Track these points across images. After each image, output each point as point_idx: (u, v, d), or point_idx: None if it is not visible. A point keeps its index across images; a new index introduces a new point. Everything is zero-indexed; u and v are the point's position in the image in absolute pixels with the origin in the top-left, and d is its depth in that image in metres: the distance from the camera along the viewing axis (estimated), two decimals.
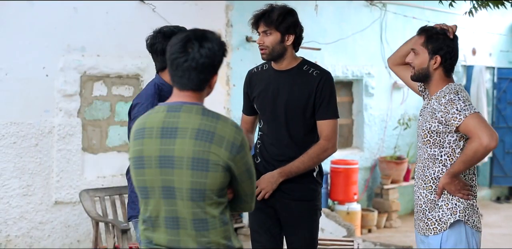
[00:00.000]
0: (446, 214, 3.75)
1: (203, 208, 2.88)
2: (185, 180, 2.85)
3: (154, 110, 3.00)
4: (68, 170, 7.26)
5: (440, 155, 3.78)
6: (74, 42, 7.27)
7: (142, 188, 2.96)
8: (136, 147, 2.96)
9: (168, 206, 2.90)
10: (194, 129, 2.86)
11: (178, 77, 2.93)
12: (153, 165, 2.91)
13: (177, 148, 2.86)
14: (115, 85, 7.64)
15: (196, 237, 2.89)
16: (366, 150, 10.53)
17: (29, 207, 7.04)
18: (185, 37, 2.93)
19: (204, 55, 2.88)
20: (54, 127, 7.15)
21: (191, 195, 2.86)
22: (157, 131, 2.91)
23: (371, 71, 10.47)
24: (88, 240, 7.40)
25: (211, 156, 2.85)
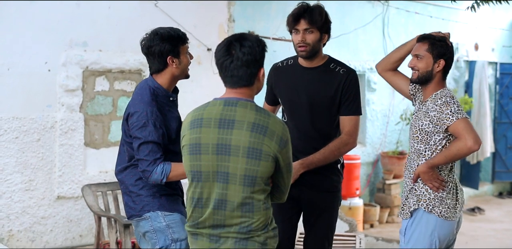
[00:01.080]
0: (413, 201, 4.16)
1: (252, 193, 3.28)
2: (240, 167, 3.26)
3: (210, 104, 3.38)
4: (70, 165, 7.27)
5: (424, 150, 4.16)
6: (76, 37, 7.27)
7: (196, 172, 3.34)
8: (193, 135, 3.34)
9: (221, 190, 3.30)
10: (250, 122, 3.27)
11: (228, 77, 3.34)
12: (210, 151, 3.30)
13: (234, 138, 3.26)
14: (117, 80, 7.64)
15: (240, 218, 3.29)
16: (368, 145, 10.53)
17: (32, 202, 7.05)
18: (226, 42, 3.35)
19: (247, 52, 3.29)
20: (56, 122, 7.16)
21: (244, 181, 3.26)
22: (215, 122, 3.30)
23: (373, 66, 10.43)
24: (90, 235, 7.41)
25: (264, 147, 3.26)
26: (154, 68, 3.99)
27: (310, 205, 4.55)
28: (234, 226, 3.31)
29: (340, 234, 7.38)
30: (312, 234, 4.59)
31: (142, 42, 4.03)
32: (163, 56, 3.93)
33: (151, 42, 3.95)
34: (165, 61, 3.95)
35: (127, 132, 4.01)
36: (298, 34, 4.35)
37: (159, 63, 3.95)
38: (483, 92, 12.07)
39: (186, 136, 3.39)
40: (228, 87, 3.39)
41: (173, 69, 3.99)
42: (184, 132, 3.41)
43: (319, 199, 4.51)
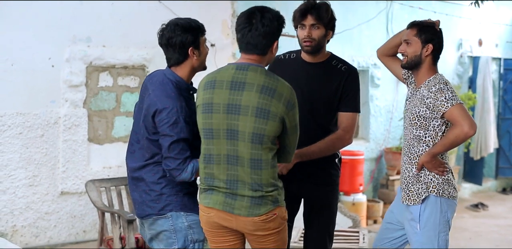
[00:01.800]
0: (422, 188, 4.28)
1: (260, 150, 3.55)
2: (248, 125, 3.53)
3: (224, 68, 3.66)
4: (74, 161, 7.28)
5: (424, 136, 4.28)
6: (79, 33, 7.27)
7: (207, 130, 3.62)
8: (206, 95, 3.61)
9: (230, 146, 3.57)
10: (259, 84, 3.54)
11: (244, 43, 3.63)
12: (221, 110, 3.56)
13: (244, 99, 3.53)
14: (120, 76, 7.64)
15: (250, 174, 3.56)
16: (372, 141, 10.52)
17: (35, 198, 7.06)
18: (249, 10, 3.64)
19: (265, 24, 3.57)
20: (60, 117, 7.16)
21: (252, 138, 3.53)
22: (227, 84, 3.57)
23: (377, 62, 10.42)
24: (94, 231, 7.42)
25: (272, 107, 3.52)
26: (173, 60, 3.91)
27: (310, 200, 4.59)
28: (247, 183, 3.58)
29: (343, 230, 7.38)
30: (313, 230, 4.61)
31: (160, 33, 3.93)
32: (184, 47, 3.87)
33: (171, 33, 3.85)
34: (186, 53, 3.88)
35: (150, 129, 3.88)
36: (304, 29, 4.39)
37: (180, 55, 3.88)
38: (486, 88, 12.04)
39: (199, 96, 3.66)
40: (242, 52, 3.67)
41: (194, 60, 3.93)
42: (199, 93, 3.68)
43: (318, 193, 4.55)
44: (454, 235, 8.92)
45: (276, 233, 3.69)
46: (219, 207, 3.64)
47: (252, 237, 3.71)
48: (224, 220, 3.66)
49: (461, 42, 12.02)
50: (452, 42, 11.87)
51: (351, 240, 6.65)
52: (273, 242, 3.72)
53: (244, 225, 3.64)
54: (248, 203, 3.60)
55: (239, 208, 3.61)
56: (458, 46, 12.04)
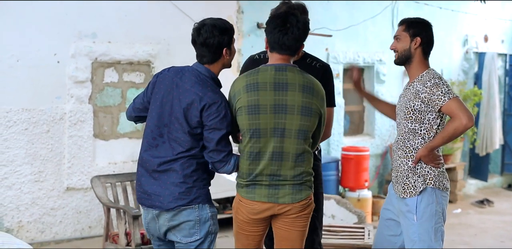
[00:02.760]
0: (419, 181, 4.38)
1: (303, 145, 3.91)
2: (295, 123, 3.85)
3: (261, 70, 3.93)
4: (80, 157, 7.29)
5: (420, 129, 4.37)
6: (85, 29, 7.27)
7: (254, 129, 3.87)
8: (251, 98, 3.86)
9: (277, 143, 3.87)
10: (300, 84, 3.87)
11: (279, 45, 3.91)
12: (268, 111, 3.84)
13: (290, 98, 3.84)
14: (126, 72, 7.65)
15: (294, 167, 3.91)
16: (377, 137, 10.51)
17: (41, 193, 7.08)
18: (283, 14, 3.94)
19: (301, 29, 3.90)
20: (65, 113, 7.18)
21: (298, 134, 3.87)
22: (270, 85, 3.86)
23: (383, 57, 10.43)
24: (99, 226, 7.44)
25: (313, 105, 3.89)
26: (207, 58, 4.05)
27: None
28: (289, 175, 3.91)
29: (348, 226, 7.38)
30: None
31: (197, 32, 4.03)
32: (220, 48, 4.04)
33: (209, 34, 3.99)
34: (221, 53, 4.05)
35: (193, 123, 3.97)
36: None
37: (215, 54, 4.04)
38: (492, 84, 12.01)
39: (242, 98, 3.89)
40: (275, 52, 3.96)
41: (225, 59, 4.11)
42: (240, 95, 3.90)
43: None
44: (459, 231, 8.93)
45: (306, 218, 4.04)
46: (265, 200, 3.94)
47: (285, 220, 4.00)
48: (267, 209, 3.97)
49: (466, 38, 12.00)
50: (457, 38, 11.85)
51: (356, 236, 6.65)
52: (301, 227, 4.03)
53: (286, 209, 3.96)
54: (291, 190, 3.93)
55: (283, 196, 3.93)
56: (464, 42, 12.02)
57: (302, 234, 4.06)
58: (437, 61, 11.41)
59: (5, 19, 6.74)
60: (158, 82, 4.10)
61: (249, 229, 4.08)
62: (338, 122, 9.86)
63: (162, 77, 4.10)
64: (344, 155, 9.50)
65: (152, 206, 4.05)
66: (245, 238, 4.12)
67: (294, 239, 4.05)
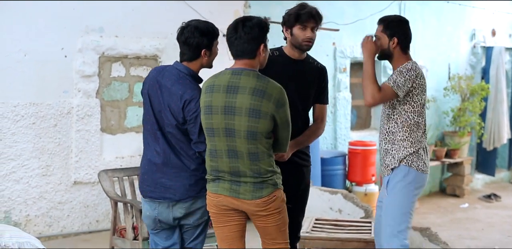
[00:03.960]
0: (393, 160, 4.72)
1: (256, 145, 4.03)
2: (243, 124, 3.99)
3: (221, 73, 4.12)
4: (87, 151, 7.31)
5: (392, 114, 4.73)
6: (92, 23, 7.28)
7: (209, 129, 4.09)
8: (207, 98, 4.08)
9: (230, 142, 4.04)
10: (251, 87, 4.00)
11: (234, 51, 4.11)
12: (219, 112, 4.03)
13: (238, 101, 4.00)
14: (133, 66, 7.65)
15: (250, 165, 4.05)
16: None
17: (48, 187, 7.10)
18: (234, 22, 4.12)
19: (247, 32, 4.05)
20: (72, 107, 7.19)
21: (247, 135, 4.01)
22: (223, 88, 4.04)
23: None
24: (107, 220, 7.46)
25: (262, 107, 3.98)
26: (187, 56, 4.36)
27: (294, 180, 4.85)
28: (248, 171, 4.05)
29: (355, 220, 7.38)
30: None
31: (180, 31, 4.36)
32: (199, 48, 4.32)
33: (190, 34, 4.31)
34: (199, 53, 4.33)
35: (179, 119, 4.29)
36: (306, 30, 4.75)
37: (193, 53, 4.33)
38: (500, 79, 11.99)
39: (202, 99, 4.12)
40: (235, 59, 4.13)
41: (204, 59, 4.38)
42: (202, 96, 4.13)
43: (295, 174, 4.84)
44: (467, 225, 8.93)
45: (277, 213, 4.15)
46: (226, 193, 4.12)
47: (255, 217, 4.16)
48: (231, 203, 4.13)
49: (474, 33, 11.97)
50: (465, 32, 11.82)
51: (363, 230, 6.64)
52: (275, 221, 4.16)
53: (248, 206, 4.11)
54: (251, 188, 4.08)
55: (244, 193, 4.09)
56: (471, 37, 11.99)
57: (278, 228, 4.21)
58: (444, 55, 11.40)
59: (12, 14, 6.75)
60: (146, 83, 4.48)
61: (222, 220, 4.23)
62: (345, 117, 9.86)
63: (148, 78, 4.47)
64: (351, 149, 9.50)
65: (162, 198, 4.38)
66: (221, 231, 4.27)
67: (271, 233, 4.23)
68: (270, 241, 4.25)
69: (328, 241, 5.65)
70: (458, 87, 11.28)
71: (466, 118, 11.23)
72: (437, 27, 11.23)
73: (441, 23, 11.30)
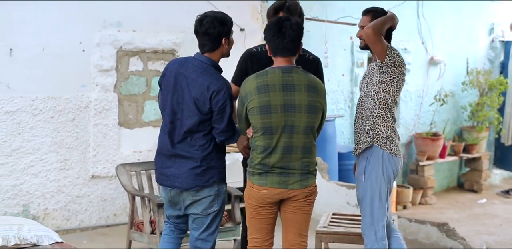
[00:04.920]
0: (369, 138, 4.91)
1: (311, 139, 4.38)
2: (303, 120, 4.30)
3: (270, 72, 4.34)
4: (105, 145, 7.33)
5: (371, 91, 4.89)
6: (110, 17, 7.29)
7: (267, 127, 4.30)
8: (262, 99, 4.28)
9: (287, 139, 4.31)
10: (305, 85, 4.31)
11: (280, 49, 4.32)
12: (278, 110, 4.27)
13: (297, 98, 4.28)
14: (150, 60, 7.66)
15: (302, 159, 4.36)
16: (402, 126, 10.46)
17: (66, 181, 7.13)
18: (277, 21, 4.35)
19: (295, 29, 4.32)
20: (90, 102, 7.21)
21: (306, 130, 4.33)
22: (279, 87, 4.28)
23: (407, 46, 10.36)
24: (124, 214, 7.49)
25: (317, 103, 4.35)
26: (208, 47, 4.51)
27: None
28: (297, 165, 4.35)
29: None
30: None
31: (199, 23, 4.49)
32: (220, 37, 4.49)
33: (210, 25, 4.45)
34: (220, 42, 4.50)
35: (204, 109, 4.46)
36: None
37: (214, 44, 4.49)
38: None
39: (254, 100, 4.31)
40: (279, 56, 4.36)
41: (224, 48, 4.57)
42: (252, 97, 4.32)
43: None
44: (484, 221, 8.89)
45: (311, 202, 4.51)
46: (275, 186, 4.37)
47: (292, 204, 4.44)
48: (278, 194, 4.39)
49: (492, 27, 11.89)
50: (483, 26, 11.75)
51: None
52: (307, 210, 4.51)
53: (295, 194, 4.39)
54: (299, 178, 4.38)
55: (292, 183, 4.37)
56: (490, 31, 11.91)
57: (307, 217, 4.52)
58: (462, 49, 11.34)
59: (31, 8, 6.77)
60: (167, 75, 4.59)
61: (261, 213, 4.47)
62: None
63: (169, 70, 4.59)
64: None
65: (172, 186, 4.60)
66: (258, 222, 4.50)
67: (300, 221, 4.49)
68: (295, 231, 4.51)
69: (345, 236, 5.63)
70: (476, 81, 11.22)
71: (484, 113, 11.17)
72: (456, 21, 11.16)
73: (460, 17, 11.24)
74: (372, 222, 4.96)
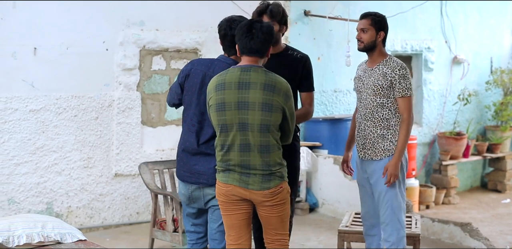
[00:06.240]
0: (390, 145, 5.17)
1: (268, 137, 4.26)
2: (257, 118, 4.21)
3: (230, 71, 4.31)
4: (128, 143, 7.36)
5: (387, 103, 5.14)
6: (133, 17, 7.32)
7: (222, 125, 4.28)
8: (218, 96, 4.26)
9: (242, 136, 4.25)
10: (262, 83, 4.23)
11: (247, 49, 4.30)
12: (232, 108, 4.23)
13: (251, 96, 4.21)
14: (173, 59, 7.69)
15: (261, 158, 4.26)
16: (425, 126, 10.42)
17: (90, 179, 7.17)
18: (248, 22, 4.34)
19: (266, 32, 4.29)
20: (114, 100, 7.25)
21: (261, 128, 4.23)
22: (235, 85, 4.25)
23: (431, 45, 10.32)
24: (147, 212, 7.51)
25: (274, 101, 4.23)
26: (234, 51, 4.51)
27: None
28: (257, 164, 4.26)
29: None
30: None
31: (229, 27, 4.57)
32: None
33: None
34: None
35: None
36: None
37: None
38: None
39: (212, 97, 4.31)
40: (245, 55, 4.32)
41: None
42: (211, 94, 4.32)
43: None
44: (509, 221, 8.84)
45: (282, 204, 4.38)
46: (236, 184, 4.32)
47: (261, 207, 4.37)
48: (240, 193, 4.34)
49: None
50: (508, 25, 11.65)
51: None
52: (278, 212, 4.38)
53: (256, 196, 4.32)
54: (260, 179, 4.29)
55: (252, 183, 4.30)
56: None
57: (280, 219, 4.43)
58: (486, 49, 11.26)
59: (55, 7, 6.82)
60: (191, 76, 4.66)
61: (230, 209, 4.42)
62: None
63: (195, 71, 4.66)
64: None
65: (196, 183, 4.66)
66: (229, 219, 4.46)
67: (274, 223, 4.43)
68: (272, 231, 4.45)
69: None
70: (501, 81, 11.14)
71: (509, 112, 11.08)
72: (479, 20, 11.09)
73: (483, 16, 11.16)
74: (394, 212, 5.21)
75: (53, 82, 6.87)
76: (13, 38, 6.63)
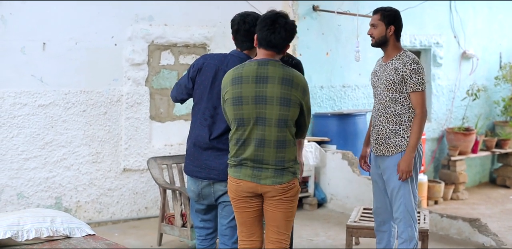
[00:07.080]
0: (402, 141, 5.14)
1: (285, 132, 4.22)
2: (275, 113, 4.17)
3: (247, 64, 4.26)
4: (136, 138, 7.37)
5: (399, 98, 5.13)
6: (142, 12, 7.33)
7: (239, 119, 4.23)
8: (235, 90, 4.21)
9: (259, 131, 4.20)
10: (280, 77, 4.18)
11: (266, 42, 4.20)
12: (250, 102, 4.18)
13: (269, 90, 4.16)
14: (182, 54, 7.69)
15: (276, 153, 4.22)
16: (434, 121, 10.40)
17: (98, 174, 7.19)
18: (274, 15, 4.22)
19: (289, 29, 4.22)
20: (122, 95, 7.26)
21: (278, 123, 4.18)
22: (252, 78, 4.19)
23: (440, 40, 10.29)
24: (155, 207, 7.53)
25: (292, 96, 4.18)
26: (248, 44, 4.56)
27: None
28: (271, 160, 4.22)
29: None
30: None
31: (243, 22, 4.55)
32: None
33: (253, 23, 4.48)
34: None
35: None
36: None
37: (251, 42, 4.44)
38: None
39: (228, 91, 4.25)
40: (262, 48, 4.25)
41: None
42: (227, 88, 4.27)
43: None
44: None
45: (290, 201, 4.32)
46: (248, 179, 4.27)
47: (269, 201, 4.31)
48: (251, 188, 4.28)
49: None
50: None
51: None
52: (285, 209, 4.32)
53: (267, 190, 4.26)
54: (272, 173, 4.24)
55: (265, 178, 4.25)
56: None
57: (285, 216, 4.35)
58: (495, 44, 11.23)
59: (63, 3, 6.82)
60: (204, 71, 4.62)
61: (241, 207, 4.39)
62: None
63: (207, 65, 4.62)
64: None
65: (207, 178, 4.62)
66: (240, 216, 4.43)
67: (278, 219, 4.34)
68: (275, 229, 4.37)
69: None
70: (510, 76, 11.10)
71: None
72: (488, 14, 11.05)
73: (493, 11, 11.13)
74: (407, 209, 5.15)
75: (62, 77, 6.89)
76: (22, 33, 6.64)
